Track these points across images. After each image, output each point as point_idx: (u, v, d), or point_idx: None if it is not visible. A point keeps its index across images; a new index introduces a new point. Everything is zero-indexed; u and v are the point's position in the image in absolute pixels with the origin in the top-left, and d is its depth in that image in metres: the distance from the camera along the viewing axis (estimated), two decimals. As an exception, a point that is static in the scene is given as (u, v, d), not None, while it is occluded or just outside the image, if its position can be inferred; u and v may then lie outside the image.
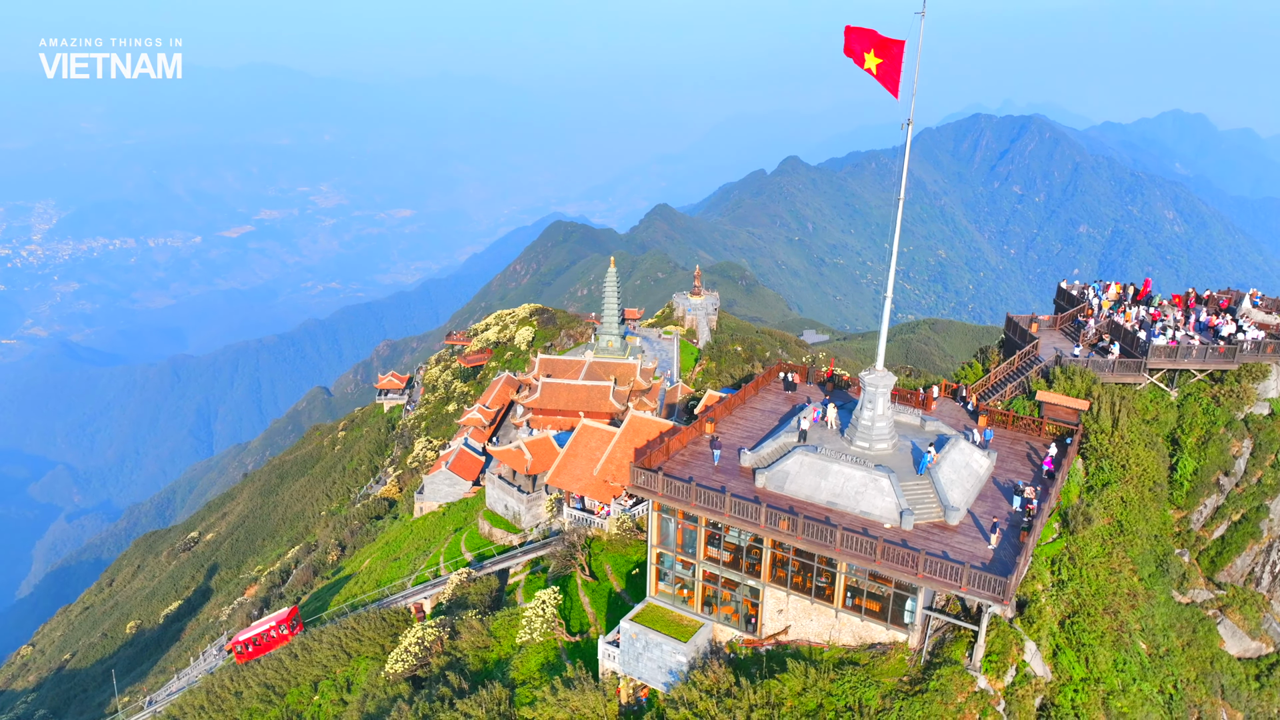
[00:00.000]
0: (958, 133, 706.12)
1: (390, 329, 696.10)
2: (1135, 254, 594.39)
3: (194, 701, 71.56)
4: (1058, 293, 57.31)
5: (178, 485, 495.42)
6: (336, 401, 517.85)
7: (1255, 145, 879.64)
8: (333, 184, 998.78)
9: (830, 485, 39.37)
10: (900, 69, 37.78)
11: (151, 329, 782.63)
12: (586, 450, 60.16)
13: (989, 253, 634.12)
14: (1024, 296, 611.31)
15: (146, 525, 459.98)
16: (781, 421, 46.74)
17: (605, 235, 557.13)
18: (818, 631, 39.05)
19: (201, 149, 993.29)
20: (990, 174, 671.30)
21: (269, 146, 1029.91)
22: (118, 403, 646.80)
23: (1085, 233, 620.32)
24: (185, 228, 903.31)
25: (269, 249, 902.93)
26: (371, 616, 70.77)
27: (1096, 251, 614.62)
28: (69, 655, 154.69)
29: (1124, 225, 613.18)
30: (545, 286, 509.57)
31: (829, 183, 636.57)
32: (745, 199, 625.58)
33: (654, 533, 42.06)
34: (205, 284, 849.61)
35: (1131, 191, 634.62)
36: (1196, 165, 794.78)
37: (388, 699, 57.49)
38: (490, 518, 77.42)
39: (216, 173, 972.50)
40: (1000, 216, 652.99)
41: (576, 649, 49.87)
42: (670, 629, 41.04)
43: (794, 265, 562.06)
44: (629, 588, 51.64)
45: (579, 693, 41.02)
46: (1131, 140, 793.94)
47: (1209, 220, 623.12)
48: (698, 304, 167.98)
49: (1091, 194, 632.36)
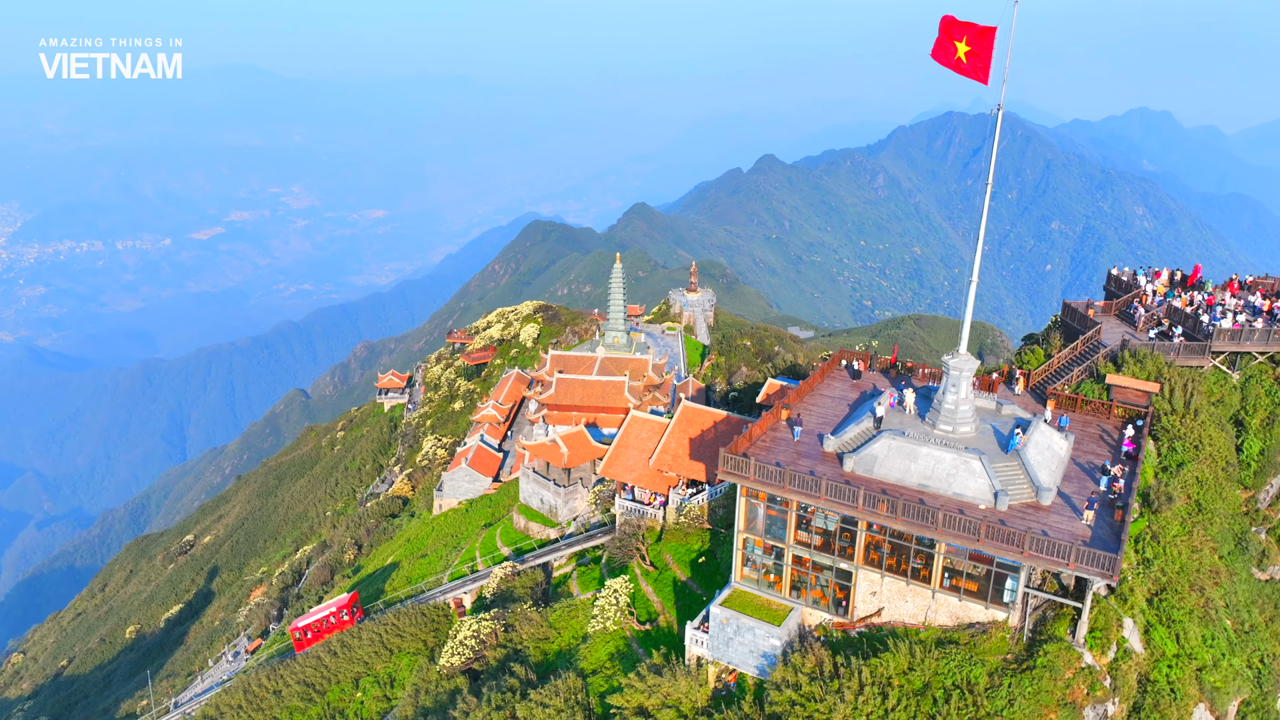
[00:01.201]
0: (931, 131, 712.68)
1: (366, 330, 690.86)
2: (1107, 250, 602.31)
3: (230, 701, 70.80)
4: (1108, 279, 58.26)
5: (152, 490, 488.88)
6: (315, 404, 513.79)
7: (1219, 142, 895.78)
8: (304, 185, 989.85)
9: (920, 468, 39.72)
10: (990, 55, 38.31)
11: (121, 333, 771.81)
12: (638, 441, 60.23)
13: (963, 249, 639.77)
14: (998, 292, 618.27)
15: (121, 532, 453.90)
16: (854, 407, 47.09)
17: (584, 234, 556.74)
18: (912, 613, 39.40)
19: (170, 150, 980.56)
20: (963, 171, 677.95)
21: (239, 147, 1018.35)
22: (88, 408, 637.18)
23: (1057, 229, 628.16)
24: (154, 230, 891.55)
25: (240, 251, 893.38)
26: (411, 612, 70.41)
27: (1069, 247, 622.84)
28: (65, 662, 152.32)
29: (1095, 221, 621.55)
30: (525, 286, 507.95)
31: (805, 180, 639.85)
32: (722, 197, 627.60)
33: (741, 518, 42.22)
34: (175, 287, 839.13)
35: (1102, 188, 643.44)
36: (1163, 162, 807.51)
37: (444, 693, 57.19)
38: (525, 512, 77.25)
39: (186, 174, 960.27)
40: (974, 213, 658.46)
41: (647, 637, 49.92)
42: (760, 613, 41.21)
43: (772, 263, 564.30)
44: (695, 576, 51.76)
45: (669, 679, 41.08)
46: (1100, 137, 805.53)
47: (1177, 216, 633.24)
48: (694, 300, 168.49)
49: (1063, 191, 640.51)
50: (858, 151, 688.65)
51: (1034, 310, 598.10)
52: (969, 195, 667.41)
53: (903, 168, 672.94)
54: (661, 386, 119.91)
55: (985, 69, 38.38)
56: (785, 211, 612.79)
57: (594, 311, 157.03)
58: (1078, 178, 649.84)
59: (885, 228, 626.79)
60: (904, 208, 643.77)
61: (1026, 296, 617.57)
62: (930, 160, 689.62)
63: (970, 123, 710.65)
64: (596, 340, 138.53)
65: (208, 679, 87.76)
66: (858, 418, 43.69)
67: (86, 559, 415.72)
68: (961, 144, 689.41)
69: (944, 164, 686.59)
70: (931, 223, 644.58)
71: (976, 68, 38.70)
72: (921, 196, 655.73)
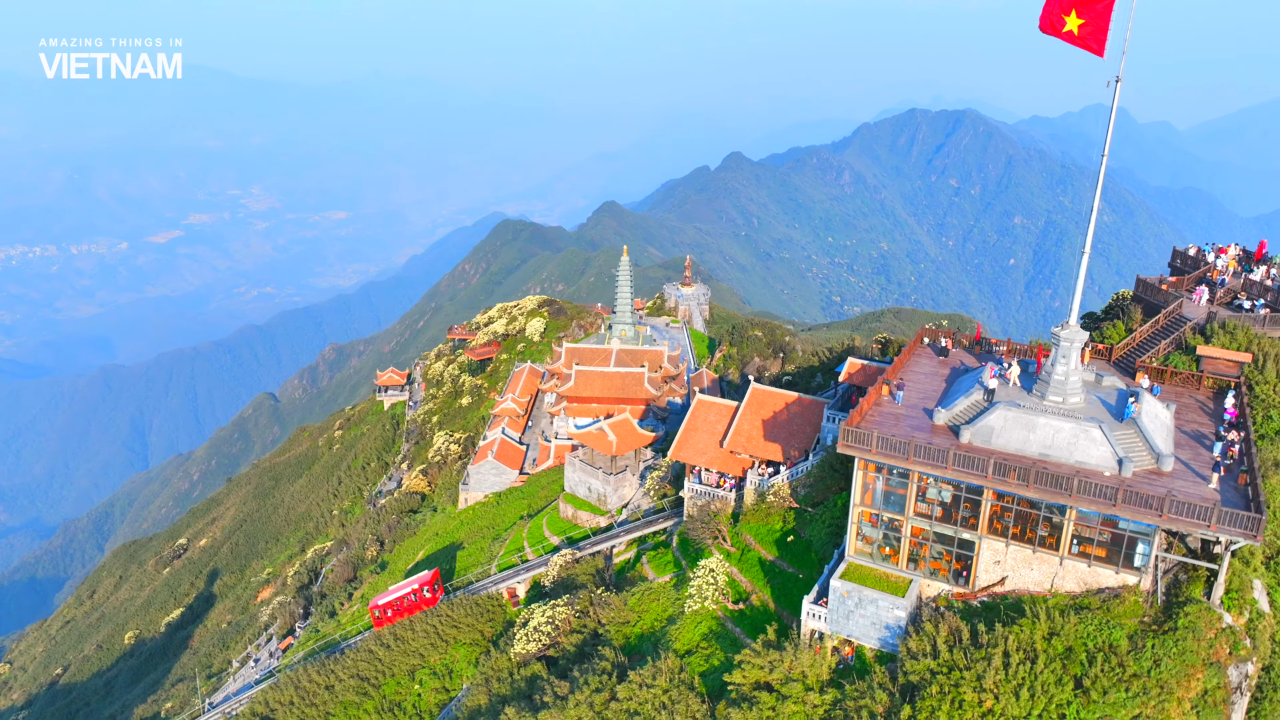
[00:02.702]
0: (895, 127, 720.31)
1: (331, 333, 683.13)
2: (1068, 244, 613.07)
3: (280, 698, 69.62)
4: (1173, 255, 59.26)
5: (116, 499, 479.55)
6: (284, 407, 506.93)
7: (1173, 137, 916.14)
8: (264, 186, 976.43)
9: (1039, 438, 40.02)
10: (1107, 26, 38.54)
11: (77, 339, 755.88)
12: (706, 424, 60.13)
13: (928, 244, 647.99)
14: (963, 287, 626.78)
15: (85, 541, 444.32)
16: (950, 382, 47.38)
17: (554, 233, 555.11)
18: (1038, 580, 39.72)
19: (125, 152, 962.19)
20: (927, 167, 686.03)
21: (196, 149, 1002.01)
22: (44, 416, 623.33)
23: (1020, 224, 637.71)
24: (110, 234, 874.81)
25: (199, 254, 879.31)
26: (465, 603, 69.75)
27: (1031, 242, 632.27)
28: (59, 670, 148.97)
29: (1056, 216, 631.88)
30: (496, 286, 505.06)
31: (772, 178, 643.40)
32: (691, 195, 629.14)
33: (858, 491, 42.28)
34: (133, 291, 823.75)
35: (1062, 183, 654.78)
36: (1119, 157, 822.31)
37: (522, 679, 56.70)
38: (572, 500, 76.81)
39: (141, 176, 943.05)
40: (938, 209, 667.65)
41: (742, 616, 49.87)
42: (881, 585, 41.32)
43: (742, 260, 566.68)
44: (783, 555, 51.75)
45: (791, 653, 41.03)
46: (1059, 133, 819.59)
47: (1135, 210, 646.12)
48: (689, 294, 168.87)
49: (1025, 186, 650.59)
50: (824, 149, 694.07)
51: (999, 305, 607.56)
52: (933, 191, 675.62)
53: (868, 164, 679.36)
54: (677, 378, 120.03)
55: (1101, 40, 38.59)
56: (753, 209, 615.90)
57: (597, 305, 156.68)
58: (1039, 173, 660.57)
59: (852, 224, 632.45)
60: (870, 204, 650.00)
61: (991, 291, 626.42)
62: (895, 157, 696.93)
63: (933, 119, 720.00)
64: (603, 334, 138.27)
65: (239, 679, 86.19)
66: (965, 391, 43.94)
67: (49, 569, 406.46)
68: (925, 140, 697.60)
69: (908, 160, 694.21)
70: (897, 218, 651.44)
71: (1091, 39, 38.86)
72: (887, 193, 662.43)
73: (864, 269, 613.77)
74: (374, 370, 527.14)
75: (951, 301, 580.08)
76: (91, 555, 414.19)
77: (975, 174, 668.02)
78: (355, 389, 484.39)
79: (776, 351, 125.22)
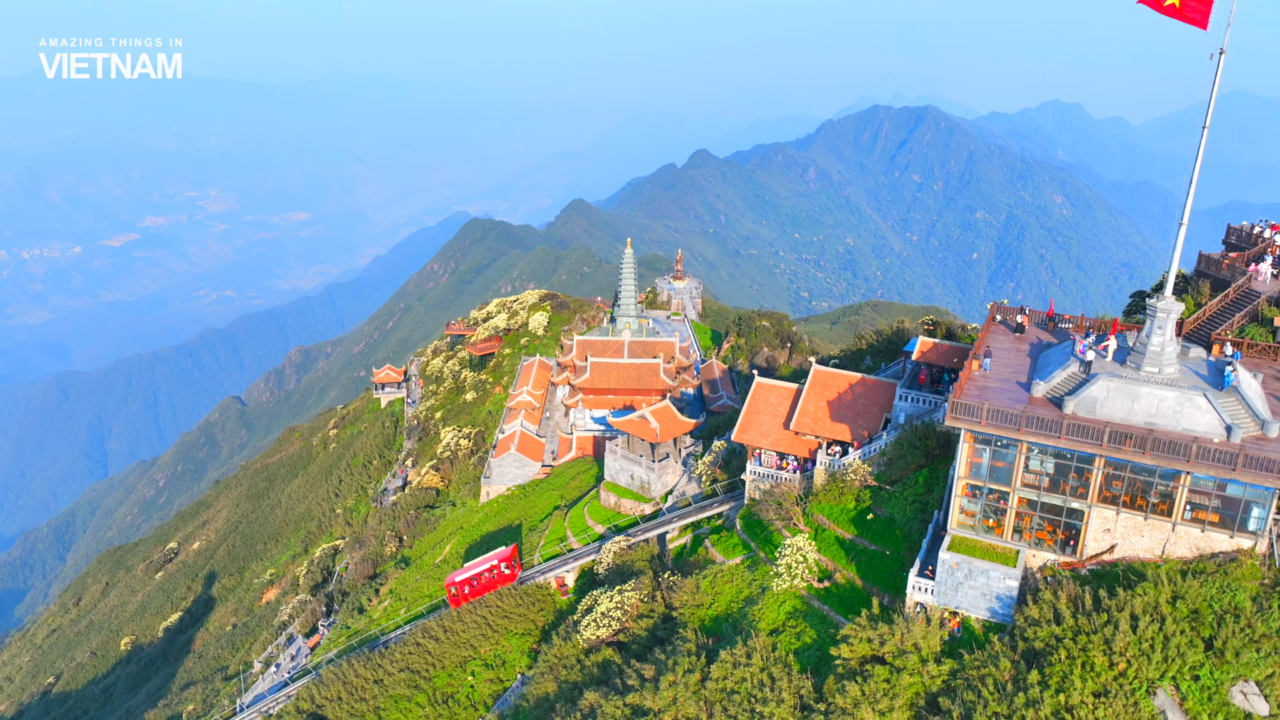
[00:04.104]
0: (858, 124, 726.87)
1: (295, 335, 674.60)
2: (1029, 237, 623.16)
3: (327, 694, 68.48)
4: (1228, 231, 60.40)
5: (77, 507, 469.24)
6: (251, 411, 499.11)
7: (1127, 133, 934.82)
8: (222, 188, 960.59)
9: (1144, 407, 40.47)
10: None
11: (31, 345, 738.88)
12: (767, 407, 60.08)
13: (893, 240, 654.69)
14: (928, 281, 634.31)
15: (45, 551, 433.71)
16: (1039, 356, 47.78)
17: (524, 232, 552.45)
18: (1148, 547, 40.18)
19: (77, 154, 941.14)
20: (890, 163, 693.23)
21: (152, 150, 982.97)
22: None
23: (982, 218, 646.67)
24: (63, 237, 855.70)
25: (156, 257, 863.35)
26: (514, 593, 69.13)
27: (993, 236, 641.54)
28: (51, 679, 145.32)
29: (1017, 210, 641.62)
30: (466, 285, 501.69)
31: (739, 175, 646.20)
32: (658, 193, 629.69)
33: (962, 464, 42.45)
34: (88, 296, 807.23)
35: (1022, 178, 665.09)
36: (1076, 152, 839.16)
37: (593, 665, 56.28)
38: (613, 489, 76.40)
39: (95, 178, 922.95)
40: (902, 205, 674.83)
41: (828, 594, 49.90)
42: (989, 556, 41.58)
43: (710, 257, 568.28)
44: (863, 533, 51.84)
45: (902, 626, 41.10)
46: (1017, 129, 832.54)
47: (1093, 204, 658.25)
48: (681, 288, 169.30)
49: (986, 181, 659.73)
50: (789, 146, 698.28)
51: (962, 299, 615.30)
52: (897, 187, 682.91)
53: (832, 161, 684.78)
54: (688, 369, 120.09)
55: (1205, 12, 39.02)
56: (721, 206, 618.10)
57: (597, 299, 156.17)
58: (999, 168, 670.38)
59: (818, 220, 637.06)
60: (835, 200, 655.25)
61: (955, 285, 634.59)
62: (858, 153, 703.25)
63: (895, 116, 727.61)
64: (605, 327, 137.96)
65: (267, 679, 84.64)
66: (1061, 364, 44.31)
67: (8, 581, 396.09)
68: (888, 137, 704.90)
69: (872, 157, 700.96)
70: (862, 214, 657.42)
71: (1193, 11, 39.25)
72: (851, 189, 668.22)
73: (830, 265, 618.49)
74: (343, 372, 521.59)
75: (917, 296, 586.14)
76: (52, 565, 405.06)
77: (938, 170, 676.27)
78: (324, 391, 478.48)
79: (784, 342, 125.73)
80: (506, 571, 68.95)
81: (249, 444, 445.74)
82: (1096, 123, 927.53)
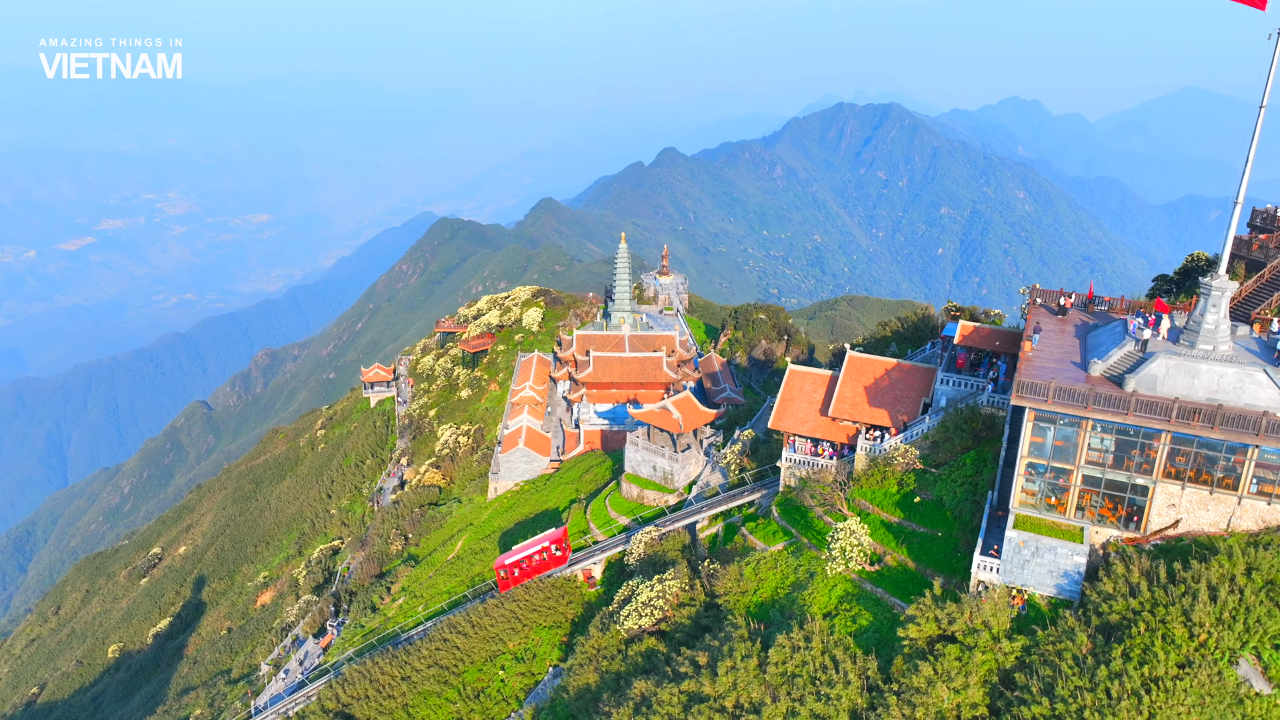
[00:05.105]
0: (824, 122, 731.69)
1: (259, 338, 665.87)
2: (993, 232, 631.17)
3: (354, 692, 67.50)
4: (1253, 214, 61.56)
5: (37, 516, 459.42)
6: (219, 415, 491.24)
7: (1084, 129, 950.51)
8: (181, 190, 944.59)
9: (1204, 384, 41.03)
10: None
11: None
12: (802, 394, 60.14)
13: (860, 236, 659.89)
14: (894, 276, 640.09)
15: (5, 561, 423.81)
16: (1088, 336, 48.28)
17: (493, 231, 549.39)
18: (1213, 521, 40.73)
19: (29, 156, 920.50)
20: (856, 160, 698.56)
21: (107, 152, 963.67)
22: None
23: (947, 214, 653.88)
24: (16, 241, 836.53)
25: (114, 261, 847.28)
26: (543, 586, 68.63)
27: (958, 231, 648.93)
28: (35, 689, 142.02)
29: (981, 206, 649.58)
30: (436, 285, 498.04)
31: (706, 172, 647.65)
32: (626, 191, 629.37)
33: (1025, 443, 42.76)
34: (44, 301, 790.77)
35: (985, 174, 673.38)
36: (1035, 148, 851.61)
37: (637, 654, 55.97)
38: (635, 480, 76.08)
39: (49, 181, 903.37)
40: (868, 201, 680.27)
41: (880, 577, 50.03)
42: (1055, 533, 41.94)
43: (680, 254, 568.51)
44: (910, 516, 52.04)
45: (970, 605, 41.28)
46: (978, 125, 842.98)
47: (1054, 199, 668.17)
48: (667, 283, 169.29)
49: (950, 177, 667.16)
50: (756, 143, 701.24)
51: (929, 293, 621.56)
52: (862, 184, 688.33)
53: (799, 158, 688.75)
54: (688, 362, 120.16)
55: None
56: (689, 204, 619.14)
57: (589, 295, 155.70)
58: (963, 164, 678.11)
59: (786, 217, 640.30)
60: (802, 197, 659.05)
61: (921, 280, 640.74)
62: (824, 150, 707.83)
63: (860, 113, 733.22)
64: (600, 322, 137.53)
65: (280, 680, 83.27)
66: (1116, 343, 44.80)
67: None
68: (853, 134, 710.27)
69: (837, 154, 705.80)
70: (829, 211, 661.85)
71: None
72: (818, 186, 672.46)
73: (799, 261, 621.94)
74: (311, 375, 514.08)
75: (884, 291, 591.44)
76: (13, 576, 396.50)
77: (902, 166, 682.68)
78: (293, 394, 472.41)
79: (781, 334, 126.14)
80: (558, 554, 68.36)
81: (217, 448, 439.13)
82: (1055, 119, 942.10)
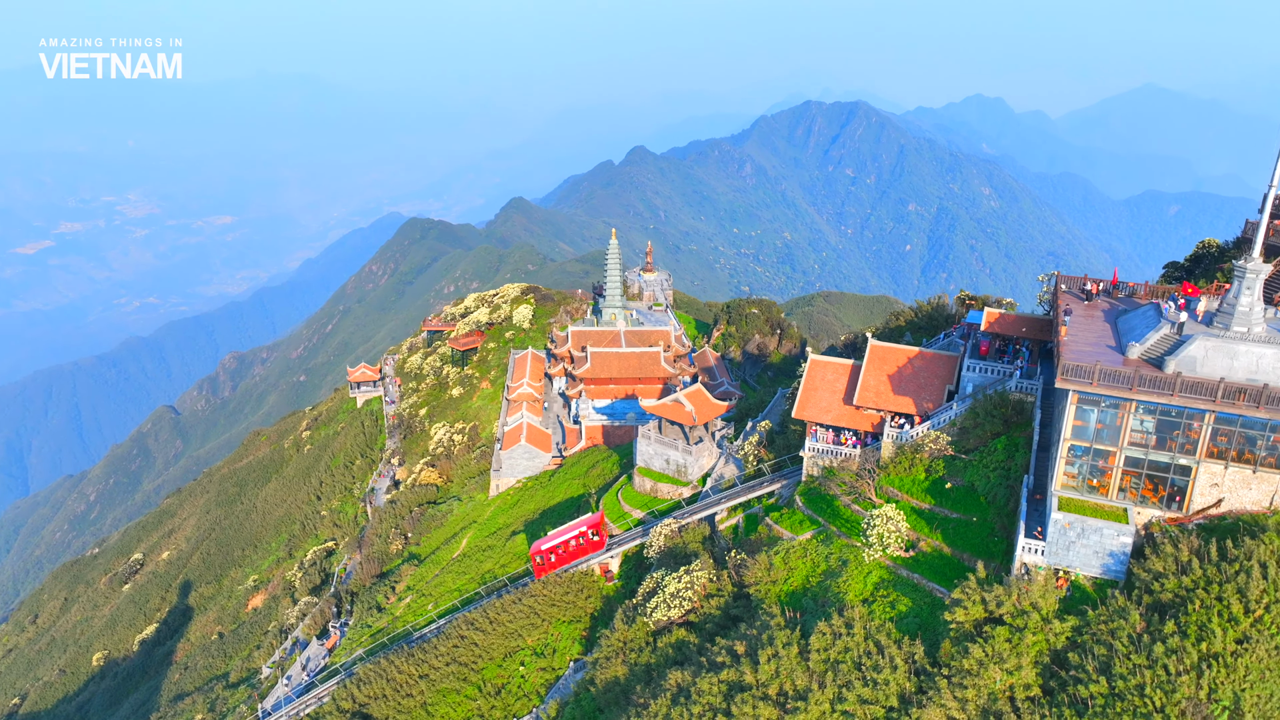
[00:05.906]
0: (792, 120, 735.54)
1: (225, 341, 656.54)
2: (960, 228, 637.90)
3: (370, 692, 66.68)
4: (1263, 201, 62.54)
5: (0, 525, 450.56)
6: (187, 420, 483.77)
7: (1047, 126, 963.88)
8: (141, 192, 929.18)
9: (1243, 365, 41.61)
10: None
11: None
12: (825, 383, 60.27)
13: (829, 233, 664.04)
14: (863, 273, 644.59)
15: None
16: (1119, 320, 48.78)
17: (464, 231, 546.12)
18: (1256, 500, 41.29)
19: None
20: (824, 158, 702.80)
21: (63, 154, 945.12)
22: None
23: (914, 211, 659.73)
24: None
25: (73, 265, 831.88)
26: (560, 581, 68.21)
27: (925, 228, 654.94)
28: (16, 700, 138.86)
29: (948, 202, 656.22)
30: (407, 286, 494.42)
31: (676, 171, 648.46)
32: (597, 190, 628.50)
33: (1068, 426, 43.09)
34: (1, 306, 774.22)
35: (951, 171, 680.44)
36: (999, 145, 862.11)
37: (667, 646, 55.78)
38: (647, 474, 75.81)
39: (3, 184, 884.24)
40: (836, 199, 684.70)
41: (916, 563, 50.20)
42: (1099, 514, 42.29)
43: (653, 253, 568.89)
44: (942, 502, 52.26)
45: (1016, 587, 41.52)
46: (943, 123, 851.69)
47: (1019, 195, 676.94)
48: (651, 280, 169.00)
49: (917, 174, 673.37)
50: (725, 141, 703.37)
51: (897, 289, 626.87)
52: (831, 181, 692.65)
53: (768, 156, 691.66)
54: (684, 356, 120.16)
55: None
56: (660, 202, 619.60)
57: (578, 291, 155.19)
58: (929, 161, 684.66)
59: (756, 215, 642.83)
60: (772, 195, 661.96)
61: (890, 276, 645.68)
62: (793, 148, 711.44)
63: (828, 111, 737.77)
64: (590, 319, 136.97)
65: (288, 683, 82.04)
66: (1152, 326, 45.30)
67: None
68: (821, 132, 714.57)
69: (806, 151, 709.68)
70: (798, 209, 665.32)
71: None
72: (787, 184, 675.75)
73: (769, 259, 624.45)
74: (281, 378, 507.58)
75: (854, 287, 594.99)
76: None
77: (870, 163, 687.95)
78: (263, 397, 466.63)
79: (774, 329, 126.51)
80: (595, 538, 67.83)
81: (185, 454, 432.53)
82: (1018, 116, 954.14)
